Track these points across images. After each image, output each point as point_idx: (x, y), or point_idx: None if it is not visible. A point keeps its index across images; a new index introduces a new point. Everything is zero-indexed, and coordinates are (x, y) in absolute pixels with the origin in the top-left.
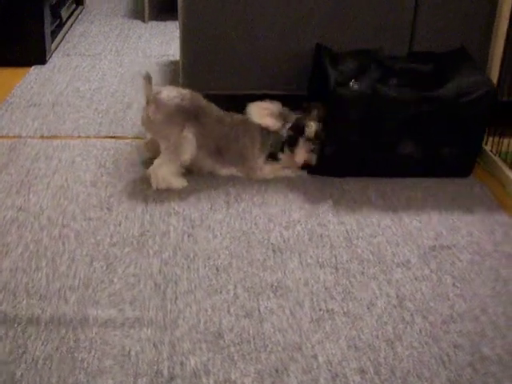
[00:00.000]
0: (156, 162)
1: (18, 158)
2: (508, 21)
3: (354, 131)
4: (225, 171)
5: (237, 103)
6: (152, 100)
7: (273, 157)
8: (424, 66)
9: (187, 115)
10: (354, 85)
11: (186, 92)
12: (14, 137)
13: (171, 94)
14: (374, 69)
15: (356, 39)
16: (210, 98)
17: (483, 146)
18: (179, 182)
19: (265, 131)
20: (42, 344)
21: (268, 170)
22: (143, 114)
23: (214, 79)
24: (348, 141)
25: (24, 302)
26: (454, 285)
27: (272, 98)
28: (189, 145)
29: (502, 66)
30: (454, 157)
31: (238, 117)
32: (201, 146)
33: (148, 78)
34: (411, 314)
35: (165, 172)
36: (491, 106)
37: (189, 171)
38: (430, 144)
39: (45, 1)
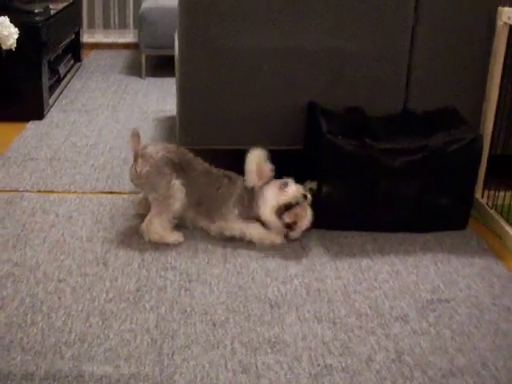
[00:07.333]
0: (148, 216)
1: (15, 212)
2: (500, 79)
3: (346, 181)
4: (205, 224)
5: (233, 158)
6: (139, 155)
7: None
8: (414, 121)
9: (174, 166)
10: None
11: (171, 146)
12: (11, 191)
13: (157, 147)
14: (365, 126)
15: (350, 96)
16: (207, 153)
17: (479, 199)
18: (174, 238)
19: (246, 190)
20: None
21: (240, 225)
22: (131, 169)
23: (210, 135)
24: (340, 192)
25: (18, 357)
26: (452, 338)
27: (268, 152)
28: (178, 193)
29: (495, 121)
30: (447, 208)
31: (223, 171)
32: (185, 198)
33: (136, 135)
34: (410, 369)
35: (157, 226)
36: (479, 154)
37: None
38: (422, 195)
39: (43, 57)
